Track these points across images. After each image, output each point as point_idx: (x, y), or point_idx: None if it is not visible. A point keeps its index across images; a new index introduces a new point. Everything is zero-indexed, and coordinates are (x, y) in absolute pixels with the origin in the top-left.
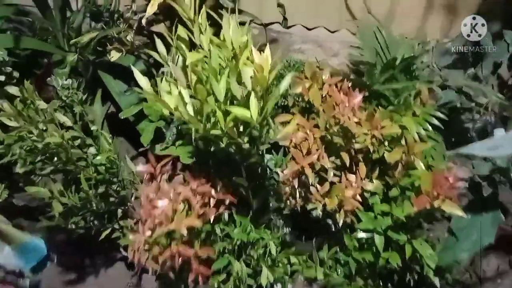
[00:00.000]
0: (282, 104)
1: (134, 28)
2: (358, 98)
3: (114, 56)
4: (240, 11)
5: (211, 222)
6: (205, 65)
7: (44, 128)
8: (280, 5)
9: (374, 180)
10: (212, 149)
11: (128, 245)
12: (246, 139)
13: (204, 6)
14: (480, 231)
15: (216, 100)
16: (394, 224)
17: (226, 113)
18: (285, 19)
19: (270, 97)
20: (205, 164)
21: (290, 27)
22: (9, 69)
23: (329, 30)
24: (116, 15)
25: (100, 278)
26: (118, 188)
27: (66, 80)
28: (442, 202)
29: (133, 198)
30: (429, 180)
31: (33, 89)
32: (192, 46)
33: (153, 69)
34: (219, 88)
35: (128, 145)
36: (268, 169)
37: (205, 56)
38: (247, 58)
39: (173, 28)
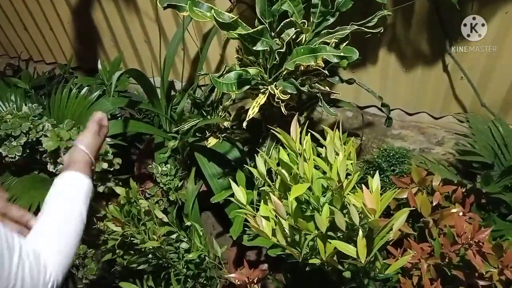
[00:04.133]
0: None
1: (232, 116)
2: (486, 232)
3: (211, 142)
4: (338, 101)
5: None
6: (308, 192)
7: (143, 228)
8: (384, 105)
9: None
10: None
11: None
12: (347, 266)
13: (309, 135)
14: None
15: (317, 228)
16: None
17: (326, 242)
18: (389, 118)
19: (379, 235)
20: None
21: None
22: (110, 156)
23: (432, 116)
24: (216, 103)
25: None
26: (205, 281)
27: (165, 165)
28: None
29: None
30: None
31: (137, 188)
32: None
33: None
34: (322, 218)
35: (214, 220)
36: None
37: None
38: (352, 190)
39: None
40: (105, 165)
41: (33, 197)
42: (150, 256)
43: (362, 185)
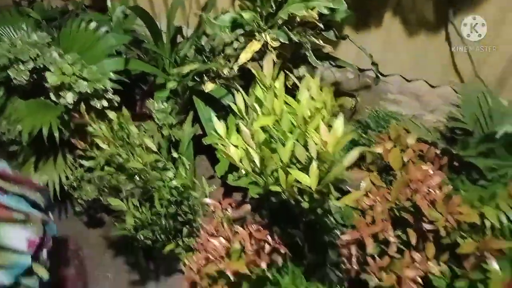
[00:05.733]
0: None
1: (232, 65)
2: (436, 179)
3: (208, 87)
4: (336, 59)
5: (263, 269)
6: (277, 125)
7: (132, 152)
8: (374, 64)
9: (441, 264)
10: (274, 199)
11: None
12: (306, 198)
13: (282, 72)
14: None
15: (280, 161)
16: None
17: (288, 173)
18: (377, 76)
19: (333, 168)
20: (266, 207)
21: (388, 75)
22: (110, 95)
23: (430, 85)
24: (217, 51)
25: (159, 285)
26: (187, 209)
27: (162, 104)
28: None
29: (199, 220)
30: (500, 284)
31: (129, 116)
32: None
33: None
34: (285, 150)
35: (208, 164)
36: (330, 221)
37: (277, 120)
38: (316, 128)
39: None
40: (105, 103)
41: (36, 119)
42: (136, 178)
43: (322, 124)
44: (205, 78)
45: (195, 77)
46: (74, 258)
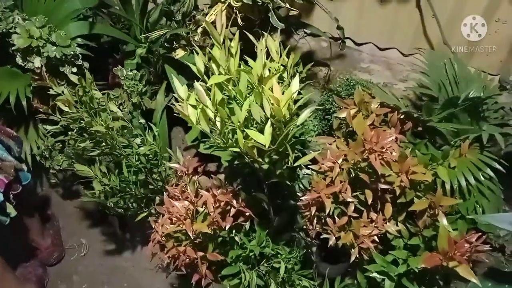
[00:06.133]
0: (330, 124)
1: (199, 31)
2: (390, 137)
3: (179, 53)
4: (308, 25)
5: (226, 230)
6: (235, 86)
7: (97, 116)
8: (339, 28)
9: (399, 224)
10: (237, 162)
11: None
12: (266, 160)
13: (238, 31)
14: None
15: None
16: (411, 273)
17: (248, 134)
18: (343, 41)
19: (287, 127)
20: (238, 175)
21: (361, 44)
22: (80, 61)
23: (402, 53)
24: (188, 17)
25: (135, 254)
26: (157, 178)
27: (131, 71)
28: (457, 264)
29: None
30: (447, 238)
31: (92, 79)
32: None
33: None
34: (241, 110)
35: (184, 135)
36: (298, 187)
37: (233, 80)
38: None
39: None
40: (74, 69)
41: (2, 88)
42: (103, 144)
43: (275, 82)
44: (175, 44)
45: (166, 44)
46: (50, 229)
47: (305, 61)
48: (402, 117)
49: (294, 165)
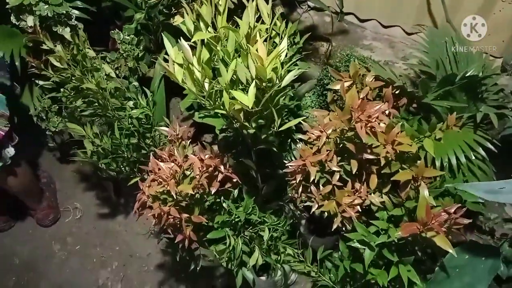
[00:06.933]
0: (323, 95)
1: None
2: (377, 106)
3: (177, 20)
4: None
5: (213, 194)
6: (223, 46)
7: (90, 74)
8: None
9: (384, 196)
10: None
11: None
12: (253, 124)
13: None
14: (475, 275)
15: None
16: (392, 245)
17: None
18: (341, 12)
19: (271, 88)
20: (232, 145)
21: (365, 21)
22: (74, 22)
23: (405, 31)
24: None
25: (128, 219)
26: (150, 142)
27: (128, 35)
28: (435, 234)
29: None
30: (425, 208)
31: (85, 38)
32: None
33: None
34: (226, 71)
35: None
36: (289, 157)
37: (221, 40)
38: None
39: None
40: (67, 29)
41: None
42: (95, 104)
43: (261, 42)
44: (174, 10)
45: (165, 10)
46: (46, 191)
47: (307, 35)
48: (397, 92)
49: (280, 129)
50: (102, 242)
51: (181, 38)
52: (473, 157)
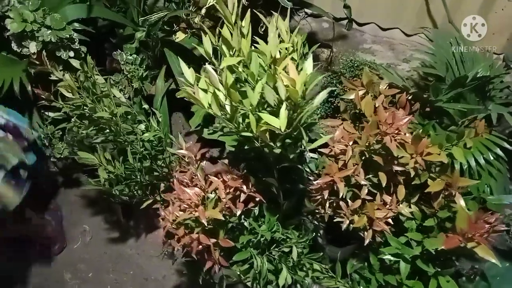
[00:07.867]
0: (333, 106)
1: (203, 11)
2: (404, 120)
3: (179, 36)
4: (310, 5)
5: (238, 216)
6: (246, 68)
7: (100, 102)
8: (346, 6)
9: (412, 206)
10: (247, 147)
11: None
12: (278, 144)
13: (249, 10)
14: None
15: (250, 104)
16: (424, 255)
17: (260, 118)
18: (350, 20)
19: (302, 109)
20: (243, 159)
21: (363, 24)
22: (77, 45)
23: (405, 33)
24: None
25: (139, 241)
26: (162, 164)
27: (131, 55)
28: (476, 245)
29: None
30: (466, 219)
31: (93, 64)
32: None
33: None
34: (253, 93)
35: (184, 121)
36: (305, 171)
37: (244, 62)
38: (285, 68)
39: (218, 27)
40: (71, 54)
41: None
42: (107, 131)
43: (291, 62)
44: (175, 27)
45: (165, 27)
46: (52, 220)
47: (308, 43)
48: (409, 98)
49: (308, 149)
50: (115, 267)
51: (203, 63)
52: (491, 158)
